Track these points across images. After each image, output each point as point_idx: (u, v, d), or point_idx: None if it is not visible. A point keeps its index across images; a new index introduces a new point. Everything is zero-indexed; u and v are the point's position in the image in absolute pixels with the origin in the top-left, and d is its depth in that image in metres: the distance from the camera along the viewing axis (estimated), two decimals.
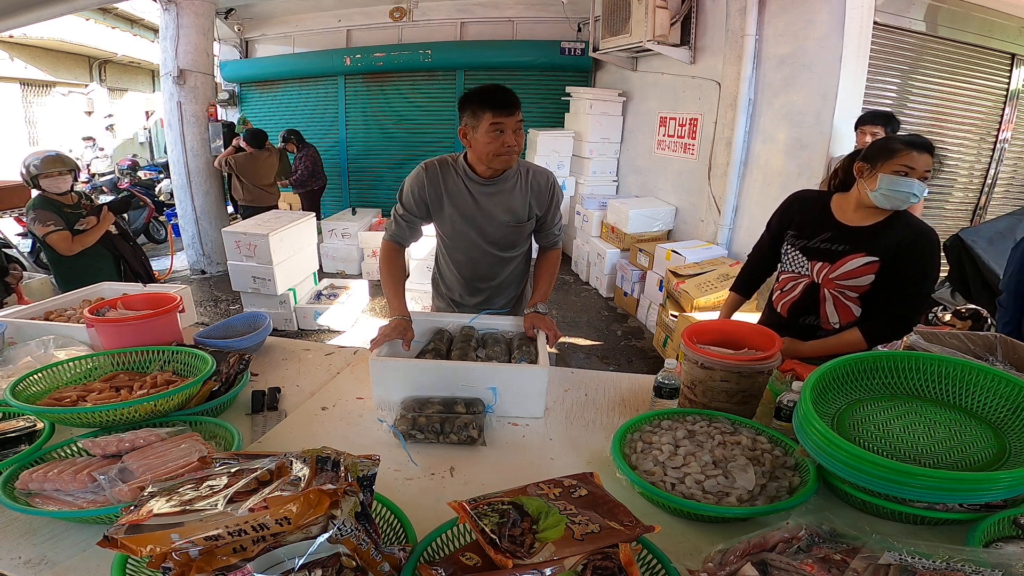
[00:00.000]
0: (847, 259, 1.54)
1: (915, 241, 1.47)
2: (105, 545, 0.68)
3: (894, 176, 1.42)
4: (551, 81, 6.52)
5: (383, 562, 0.74)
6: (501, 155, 1.59)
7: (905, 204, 1.46)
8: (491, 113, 1.54)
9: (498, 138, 1.56)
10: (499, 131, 1.56)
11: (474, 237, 1.79)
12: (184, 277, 5.78)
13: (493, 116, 1.54)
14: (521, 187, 1.73)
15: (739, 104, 3.80)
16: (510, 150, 1.60)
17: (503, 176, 1.70)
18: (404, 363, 1.44)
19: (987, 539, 0.89)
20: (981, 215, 3.85)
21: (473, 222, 1.76)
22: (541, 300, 1.76)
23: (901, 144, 1.44)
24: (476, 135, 1.58)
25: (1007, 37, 3.54)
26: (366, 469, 0.81)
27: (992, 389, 1.09)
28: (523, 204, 1.74)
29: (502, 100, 1.55)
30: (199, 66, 5.37)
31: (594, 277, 5.34)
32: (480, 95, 1.57)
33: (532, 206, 1.76)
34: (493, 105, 1.55)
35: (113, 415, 1.15)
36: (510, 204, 1.73)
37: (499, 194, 1.72)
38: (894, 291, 1.50)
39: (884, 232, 1.51)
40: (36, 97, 8.97)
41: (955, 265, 2.82)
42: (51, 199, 2.64)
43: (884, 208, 1.49)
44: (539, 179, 1.74)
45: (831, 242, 1.57)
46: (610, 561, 0.72)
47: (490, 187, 1.71)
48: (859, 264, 1.52)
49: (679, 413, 1.26)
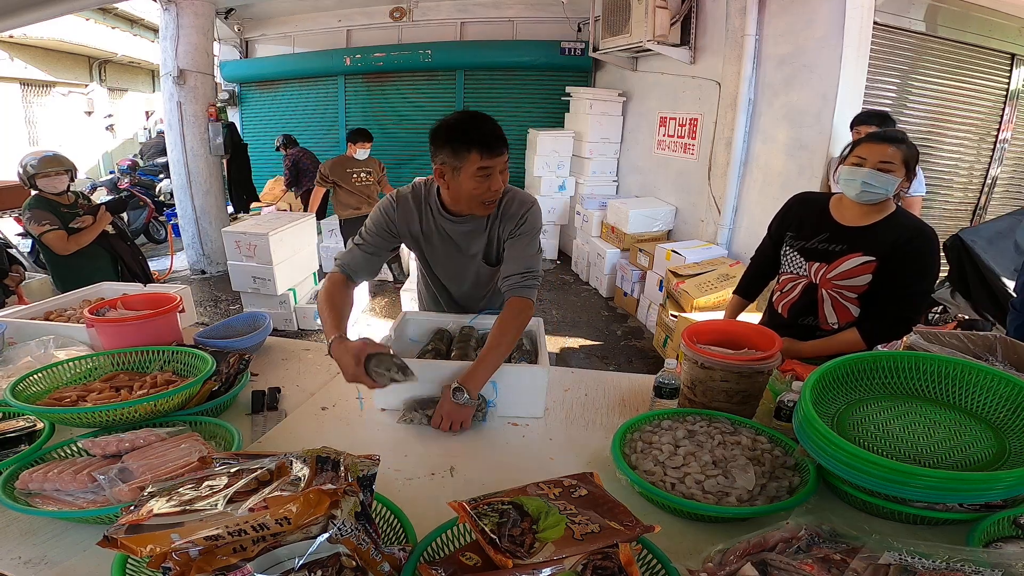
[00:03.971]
0: (844, 259, 1.54)
1: (912, 239, 1.47)
2: (105, 545, 0.68)
3: (850, 167, 1.48)
4: (551, 81, 6.52)
5: (383, 562, 0.74)
6: (487, 202, 1.37)
7: (870, 196, 1.47)
8: (478, 155, 1.30)
9: (484, 183, 1.34)
10: (486, 176, 1.33)
11: (446, 274, 1.67)
12: (184, 277, 5.78)
13: (481, 159, 1.31)
14: (493, 220, 1.52)
15: (739, 104, 3.80)
16: (496, 195, 1.38)
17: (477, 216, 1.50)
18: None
19: (987, 539, 0.89)
20: (981, 215, 3.85)
21: (447, 255, 1.61)
22: (470, 380, 1.28)
23: (864, 137, 1.51)
24: (458, 178, 1.35)
25: (1007, 37, 3.54)
26: (366, 469, 0.81)
27: (992, 389, 1.09)
28: (495, 239, 1.54)
29: (490, 139, 1.30)
30: (199, 66, 5.37)
31: (594, 277, 5.34)
32: (464, 131, 1.31)
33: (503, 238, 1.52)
34: (481, 145, 1.30)
35: (113, 415, 1.15)
36: (487, 242, 1.55)
37: (477, 231, 1.53)
38: (892, 291, 1.50)
39: (881, 231, 1.51)
40: (36, 97, 8.96)
41: (955, 265, 2.82)
42: (47, 199, 2.64)
43: (855, 200, 1.51)
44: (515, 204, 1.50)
45: (828, 242, 1.58)
46: (610, 561, 0.72)
47: (466, 224, 1.52)
48: (856, 264, 1.52)
49: (679, 413, 1.25)
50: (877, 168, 1.44)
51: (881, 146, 1.45)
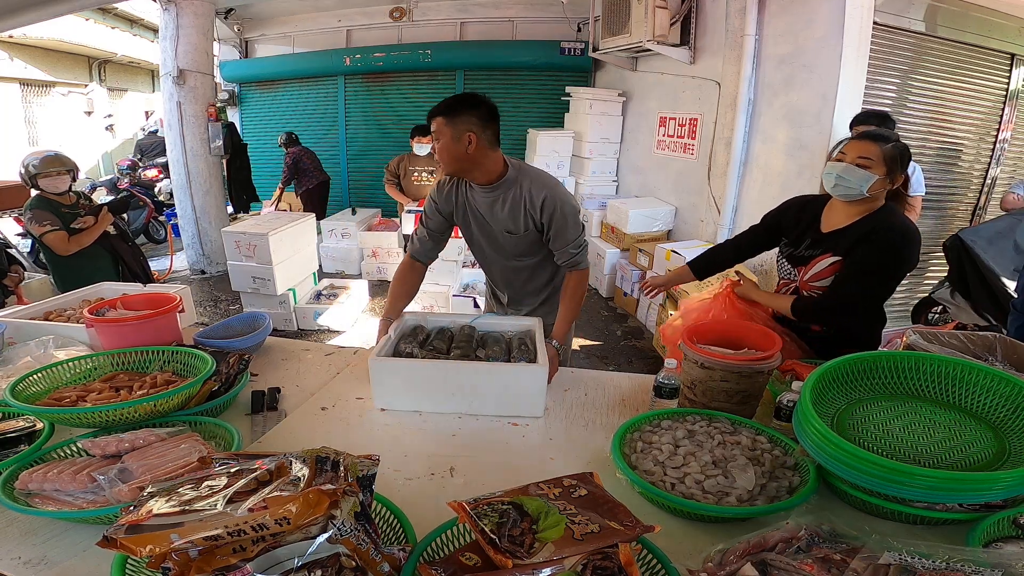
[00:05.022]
0: (816, 261, 1.57)
1: (870, 233, 1.48)
2: (105, 545, 0.68)
3: (831, 163, 1.51)
4: (551, 81, 6.52)
5: (383, 562, 0.74)
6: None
7: (844, 190, 1.49)
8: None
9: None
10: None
11: (483, 243, 1.84)
12: (184, 277, 5.77)
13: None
14: (515, 196, 1.68)
15: (739, 104, 3.80)
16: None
17: (499, 184, 1.67)
18: (403, 363, 1.45)
19: (987, 539, 0.89)
20: (981, 215, 3.85)
21: (479, 228, 1.80)
22: (557, 334, 1.68)
23: (852, 136, 1.57)
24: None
25: (1007, 37, 3.54)
26: (366, 469, 0.81)
27: (992, 389, 1.09)
28: (518, 214, 1.69)
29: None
30: (199, 66, 5.36)
31: (594, 277, 5.33)
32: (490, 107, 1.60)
33: (529, 218, 1.70)
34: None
35: (113, 415, 1.15)
36: (505, 212, 1.71)
37: (496, 202, 1.71)
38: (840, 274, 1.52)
39: (853, 230, 1.52)
40: (36, 97, 8.95)
41: (955, 265, 2.82)
42: (49, 199, 2.64)
43: (832, 194, 1.54)
44: (534, 193, 1.66)
45: (809, 248, 1.61)
46: (610, 561, 0.72)
47: (488, 194, 1.70)
48: (825, 265, 1.55)
49: (679, 413, 1.26)
50: (855, 164, 1.46)
51: (863, 143, 1.48)
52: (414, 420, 1.41)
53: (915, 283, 3.80)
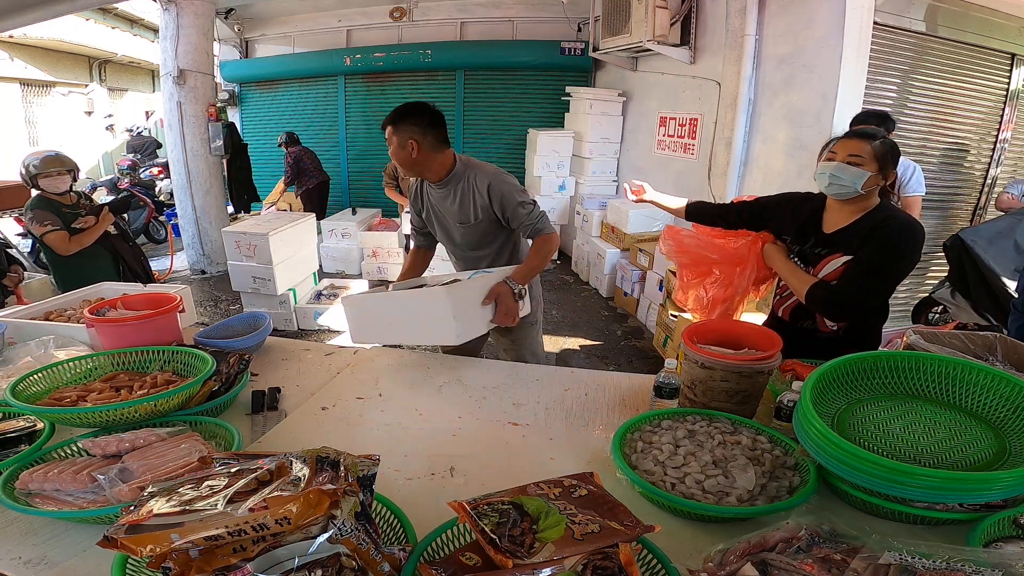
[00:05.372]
0: (826, 261, 1.56)
1: (874, 230, 1.47)
2: (105, 545, 0.68)
3: (823, 162, 1.52)
4: (551, 81, 6.51)
5: (383, 562, 0.74)
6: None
7: (838, 189, 1.49)
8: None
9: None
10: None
11: (443, 237, 2.02)
12: (184, 277, 5.78)
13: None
14: (464, 189, 1.85)
15: (739, 104, 3.80)
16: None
17: (448, 179, 1.85)
18: (354, 299, 1.81)
19: (987, 539, 0.89)
20: (981, 215, 3.85)
21: (439, 223, 1.98)
22: (517, 276, 1.78)
23: (842, 134, 1.56)
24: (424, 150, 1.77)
25: (1007, 37, 3.54)
26: (366, 469, 0.81)
27: (992, 389, 1.09)
28: (467, 205, 1.85)
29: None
30: (199, 66, 5.37)
31: (594, 277, 5.34)
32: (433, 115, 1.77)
33: (478, 207, 1.84)
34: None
35: (113, 415, 1.15)
36: (456, 204, 1.87)
37: (448, 196, 1.88)
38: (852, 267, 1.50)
39: (857, 228, 1.52)
40: (36, 97, 8.95)
41: (955, 265, 2.81)
42: (49, 199, 2.64)
43: (826, 193, 1.55)
44: (479, 183, 1.82)
45: (815, 246, 1.60)
46: (610, 561, 0.72)
47: (440, 190, 1.89)
48: (838, 264, 1.53)
49: (679, 413, 1.26)
50: (846, 162, 1.46)
51: (853, 141, 1.48)
52: (414, 420, 1.41)
53: (916, 283, 3.80)
